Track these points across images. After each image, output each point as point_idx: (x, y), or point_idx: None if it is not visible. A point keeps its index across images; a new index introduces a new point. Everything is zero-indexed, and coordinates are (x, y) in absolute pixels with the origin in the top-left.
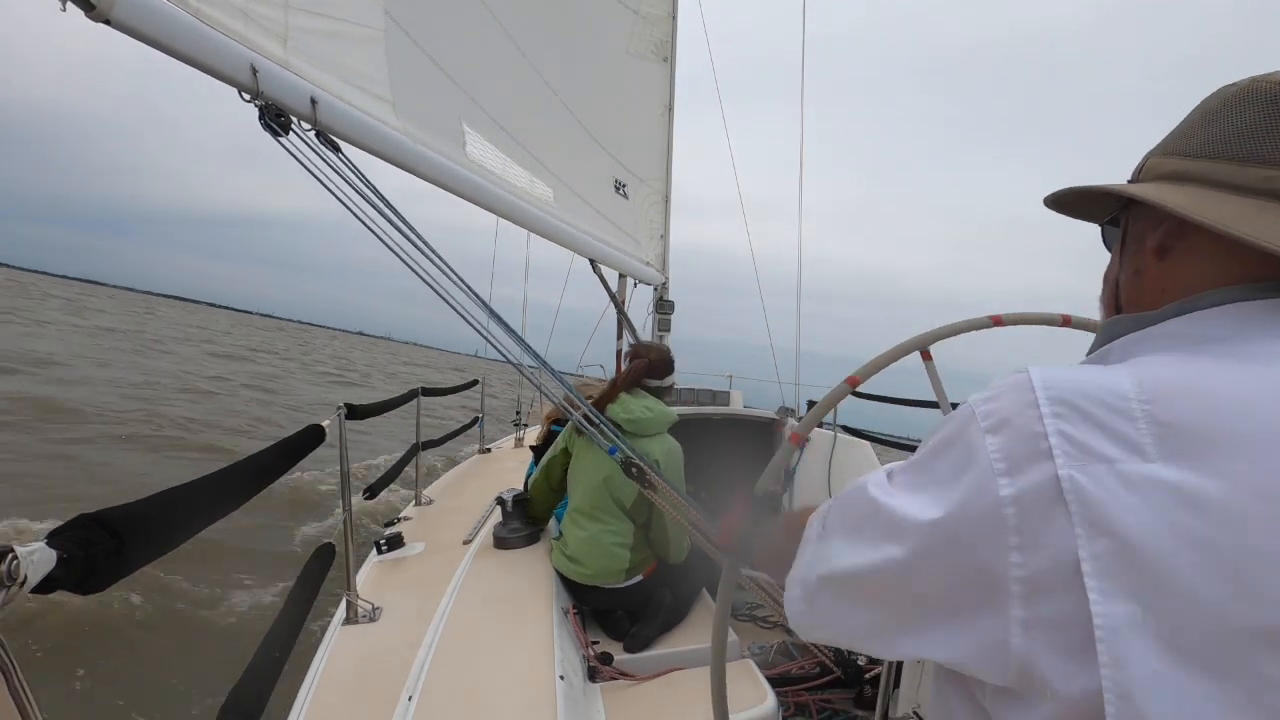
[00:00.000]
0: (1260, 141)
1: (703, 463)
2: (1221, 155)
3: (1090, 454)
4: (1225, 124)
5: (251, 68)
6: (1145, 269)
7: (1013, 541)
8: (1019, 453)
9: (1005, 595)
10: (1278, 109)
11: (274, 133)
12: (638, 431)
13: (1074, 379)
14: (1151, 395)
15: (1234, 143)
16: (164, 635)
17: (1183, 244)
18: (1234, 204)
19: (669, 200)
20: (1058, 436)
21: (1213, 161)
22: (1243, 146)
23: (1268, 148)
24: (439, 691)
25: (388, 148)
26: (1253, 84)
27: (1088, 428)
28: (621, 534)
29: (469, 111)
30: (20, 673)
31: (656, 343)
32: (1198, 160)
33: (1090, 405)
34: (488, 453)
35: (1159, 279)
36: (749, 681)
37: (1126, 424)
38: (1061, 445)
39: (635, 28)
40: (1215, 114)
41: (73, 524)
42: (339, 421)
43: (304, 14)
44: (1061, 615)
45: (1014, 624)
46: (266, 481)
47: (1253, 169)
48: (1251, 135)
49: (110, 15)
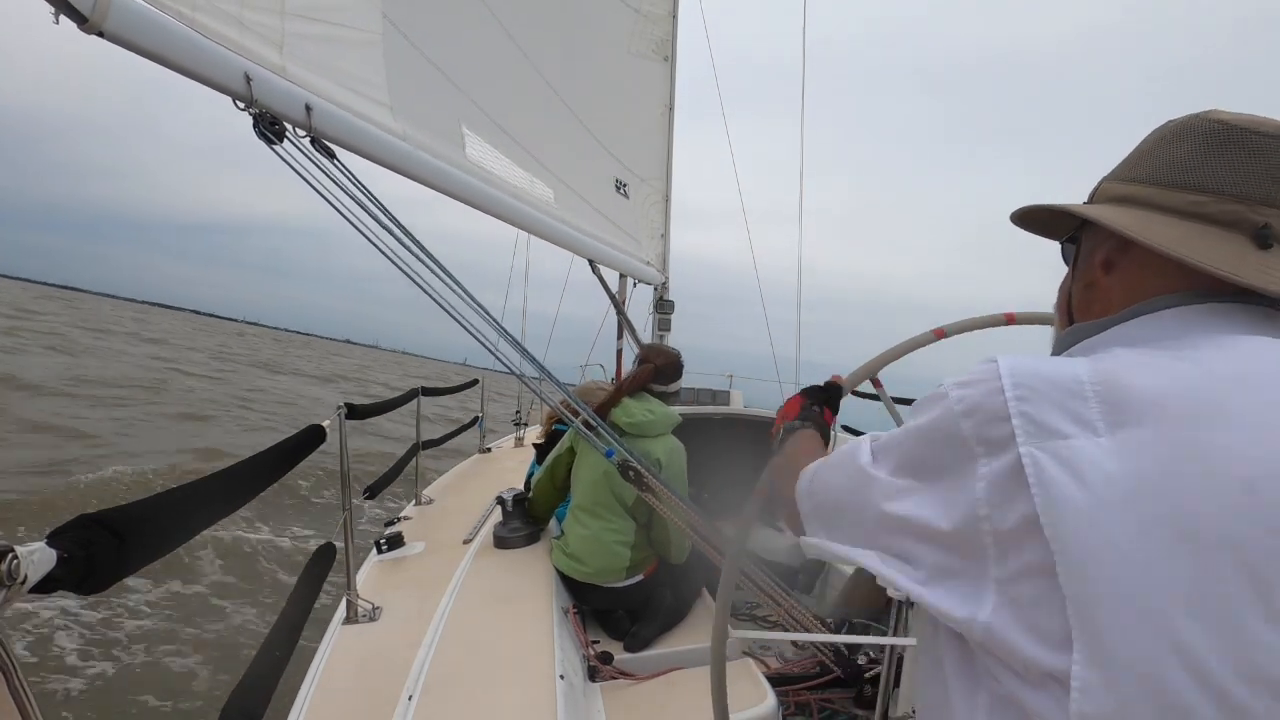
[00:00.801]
0: (1192, 171)
1: (703, 462)
2: (1160, 181)
3: (1048, 431)
4: (1165, 154)
5: (245, 76)
6: (1095, 281)
7: (983, 512)
8: (989, 434)
9: (984, 557)
10: (1208, 144)
11: (268, 141)
12: (640, 433)
13: (1037, 366)
14: (1102, 379)
15: (1171, 171)
16: (165, 635)
17: (1126, 258)
18: (1167, 224)
19: (669, 200)
20: (1020, 418)
21: (1153, 187)
22: (1177, 175)
23: (1197, 176)
24: (439, 691)
25: (384, 153)
26: (1191, 120)
27: (1047, 408)
28: (623, 532)
29: (468, 113)
30: (20, 673)
31: (666, 347)
32: (1142, 185)
33: (1049, 388)
34: (488, 453)
35: (1107, 290)
36: (749, 681)
37: (1080, 404)
38: (1023, 425)
39: (636, 27)
40: (1158, 144)
41: (73, 524)
42: (339, 421)
43: (300, 20)
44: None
45: (991, 581)
46: (266, 483)
47: (1184, 194)
48: (1185, 165)
49: (103, 27)
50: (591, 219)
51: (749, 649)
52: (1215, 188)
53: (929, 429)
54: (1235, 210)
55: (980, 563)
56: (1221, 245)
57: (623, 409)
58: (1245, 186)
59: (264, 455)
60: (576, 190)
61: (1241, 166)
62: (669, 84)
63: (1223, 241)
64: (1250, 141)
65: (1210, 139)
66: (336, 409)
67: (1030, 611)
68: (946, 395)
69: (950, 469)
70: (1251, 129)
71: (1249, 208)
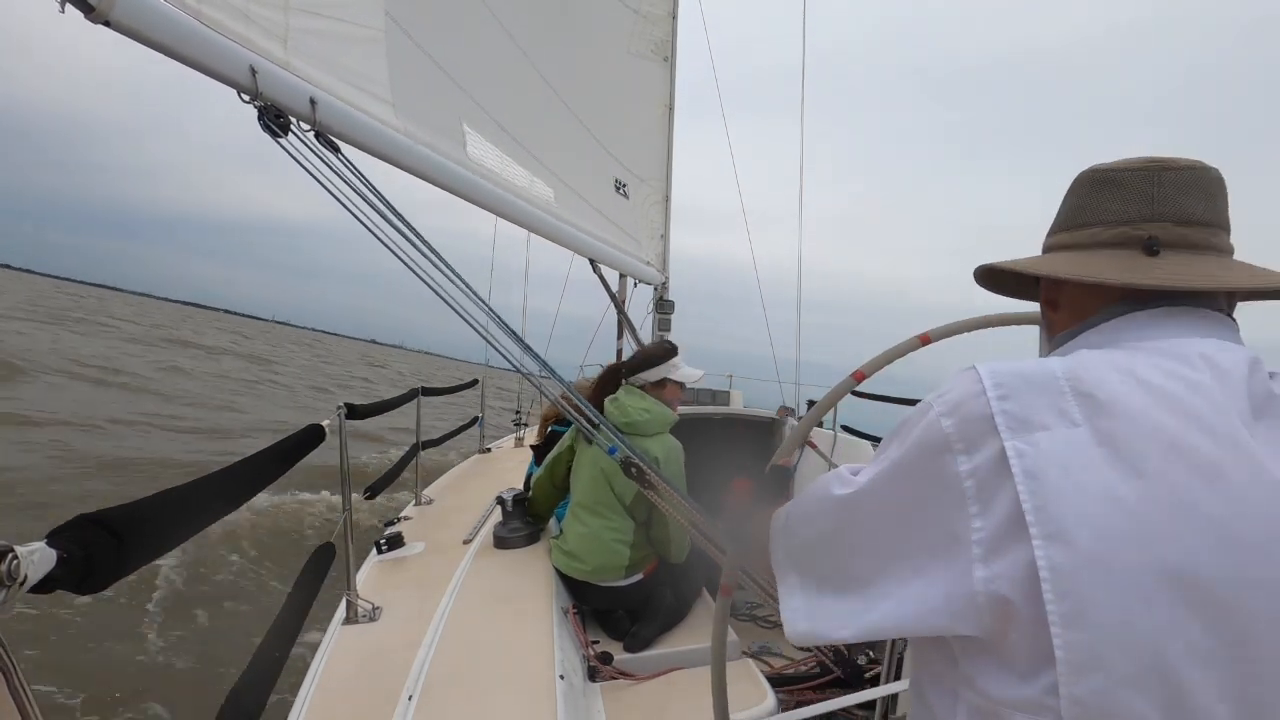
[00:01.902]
0: (1084, 212)
1: (702, 462)
2: (1067, 226)
3: (1030, 425)
4: (1068, 205)
5: (251, 69)
6: (1051, 320)
7: (974, 509)
8: (972, 432)
9: (967, 556)
10: (1090, 189)
11: (273, 134)
12: (635, 432)
13: (1014, 367)
14: (1074, 375)
15: (1072, 216)
16: (165, 636)
17: (1063, 294)
18: (1074, 256)
19: (669, 200)
20: (1002, 415)
21: (1065, 232)
22: (1076, 217)
23: (1088, 215)
24: (439, 691)
25: (387, 148)
26: (1080, 175)
27: (1027, 404)
28: (622, 530)
29: (470, 111)
30: (20, 673)
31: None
32: (1059, 233)
33: (1028, 386)
34: (488, 453)
35: (1058, 323)
36: (749, 681)
37: (1058, 398)
38: (1005, 421)
39: (636, 27)
40: (1065, 199)
41: (72, 524)
42: (339, 421)
43: (305, 14)
44: (1014, 566)
45: (977, 580)
46: (265, 482)
47: (1084, 230)
48: (1079, 209)
49: (110, 17)
50: (591, 218)
51: (749, 649)
52: (1103, 220)
53: (909, 434)
54: (1122, 232)
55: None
56: (1117, 261)
57: (618, 408)
58: (1125, 212)
59: (263, 454)
60: (576, 190)
61: (1118, 199)
62: (669, 84)
63: (1118, 259)
64: (1119, 178)
65: (1092, 184)
66: (336, 409)
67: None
68: (930, 406)
69: (931, 470)
70: (1118, 169)
71: (1133, 227)
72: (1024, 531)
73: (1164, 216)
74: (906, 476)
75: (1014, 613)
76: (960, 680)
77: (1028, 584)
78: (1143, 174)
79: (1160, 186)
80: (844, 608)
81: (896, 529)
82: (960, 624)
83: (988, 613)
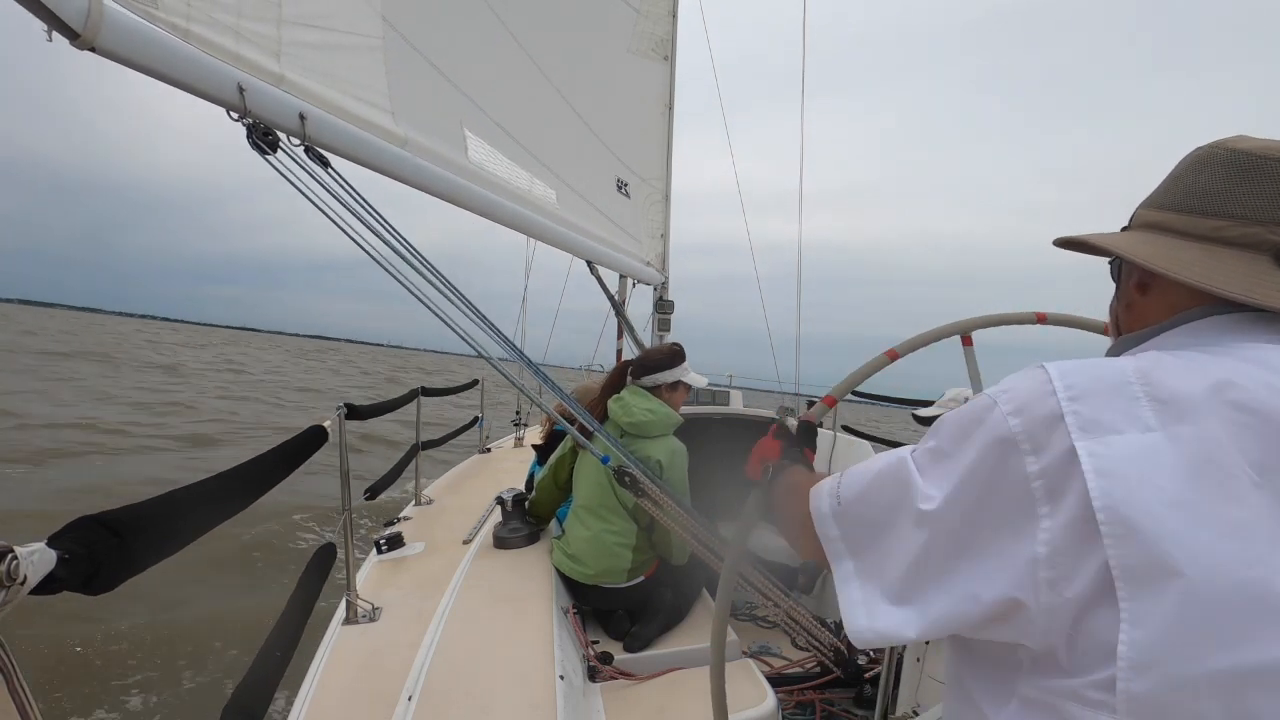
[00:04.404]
0: (1212, 198)
1: (702, 462)
2: (1184, 209)
3: (1101, 427)
4: (1188, 183)
5: (239, 86)
6: (1133, 302)
7: (1042, 510)
8: (1041, 432)
9: (1033, 556)
10: (1226, 172)
11: (261, 151)
12: (639, 434)
13: (1084, 367)
14: (1150, 379)
15: (1193, 199)
16: (165, 635)
17: (1158, 280)
18: (1189, 249)
19: (669, 199)
20: (1073, 416)
21: (1179, 214)
22: (1199, 202)
23: (1217, 203)
24: (439, 691)
25: (381, 159)
26: (1212, 148)
27: (1098, 406)
28: (624, 534)
29: (470, 115)
30: (20, 673)
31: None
32: (1169, 213)
33: (1099, 387)
34: (488, 453)
35: (1144, 308)
36: (749, 681)
37: (1130, 403)
38: (1076, 422)
39: (636, 26)
40: (1184, 173)
41: (73, 525)
42: (339, 421)
43: (298, 27)
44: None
45: (1042, 581)
46: (269, 484)
47: (1206, 220)
48: (1206, 193)
49: (95, 44)
50: (593, 219)
51: (749, 649)
52: (1234, 213)
53: (975, 436)
54: (1255, 233)
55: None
56: (1240, 267)
57: (623, 407)
58: (1262, 211)
59: (266, 456)
60: (578, 190)
61: (1258, 192)
62: (669, 83)
63: (1242, 263)
64: (1265, 167)
65: (1228, 167)
66: (336, 409)
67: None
68: (994, 402)
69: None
70: (1266, 155)
71: (1268, 229)
72: (1094, 531)
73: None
74: (974, 479)
75: (1075, 613)
76: (1013, 669)
77: (1095, 584)
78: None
79: None
80: (903, 607)
81: (967, 529)
82: (1018, 625)
83: (1047, 613)
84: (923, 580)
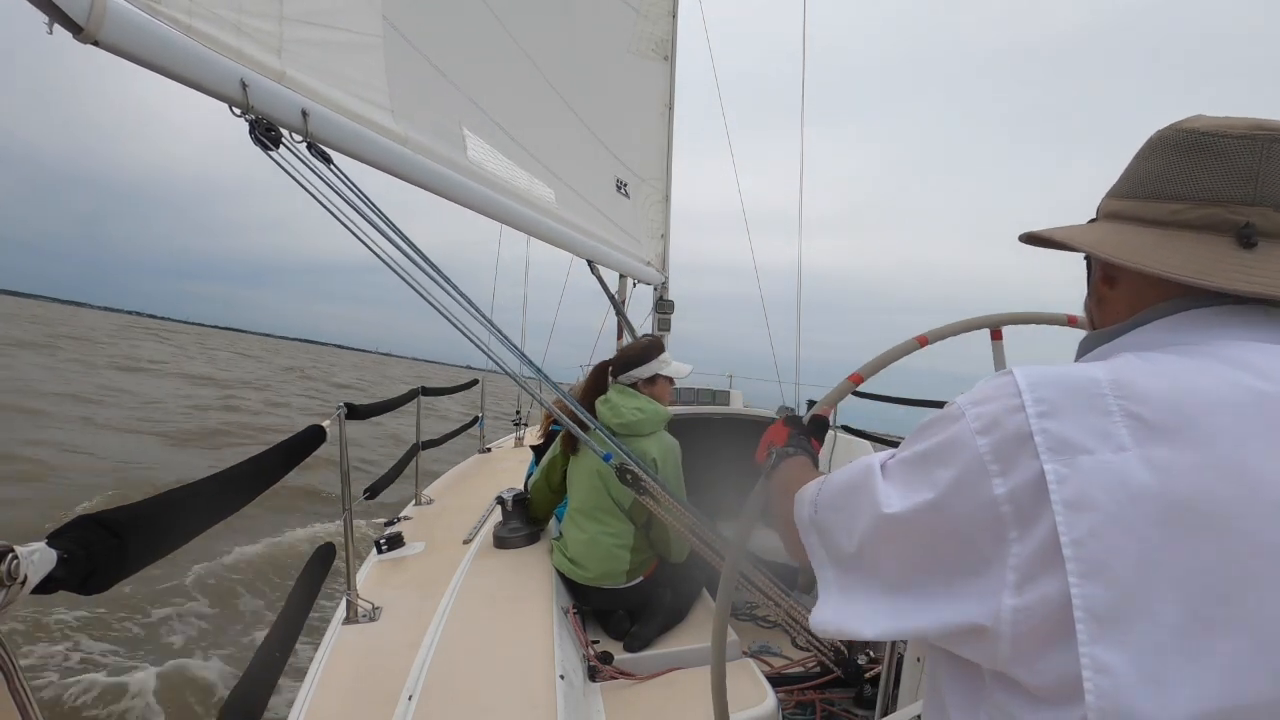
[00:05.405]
0: (1167, 181)
1: (702, 463)
2: (1141, 195)
3: (1073, 447)
4: (1144, 168)
5: (241, 82)
6: (1104, 296)
7: (1012, 534)
8: (1009, 452)
9: (1000, 581)
10: (1179, 152)
11: (264, 147)
12: (631, 433)
13: (1056, 377)
14: (1125, 391)
15: (1149, 183)
16: (165, 635)
17: (1123, 273)
18: (1146, 235)
19: (669, 199)
20: (1042, 435)
21: (1137, 201)
22: (1155, 186)
23: (1173, 185)
24: (439, 691)
25: (382, 156)
26: (1165, 131)
27: (1070, 422)
28: (621, 535)
29: (469, 115)
30: (20, 673)
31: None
32: (1128, 200)
33: (1070, 400)
34: (488, 452)
35: (1115, 302)
36: (749, 681)
37: (1104, 418)
38: (1045, 442)
39: (636, 26)
40: (1139, 159)
41: (73, 525)
42: (339, 421)
43: (300, 25)
44: (1047, 598)
45: (1005, 608)
46: (268, 483)
47: (1163, 204)
48: (1161, 176)
49: (98, 37)
50: (592, 219)
51: (749, 649)
52: (1191, 195)
53: (943, 449)
54: (1214, 214)
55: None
56: (1199, 250)
57: (611, 409)
58: (1220, 190)
59: (265, 455)
60: (577, 190)
61: (1214, 171)
62: (669, 83)
63: (1201, 246)
64: (1217, 145)
65: (1180, 148)
66: (336, 409)
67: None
68: (962, 414)
69: (967, 493)
70: (1218, 133)
71: (1227, 209)
72: (1060, 562)
73: (1267, 200)
74: (940, 498)
75: (1041, 644)
76: (985, 696)
77: (1059, 616)
78: (1247, 143)
79: (1269, 161)
80: (870, 608)
81: (932, 544)
82: (982, 647)
83: (1011, 641)
84: (889, 587)
